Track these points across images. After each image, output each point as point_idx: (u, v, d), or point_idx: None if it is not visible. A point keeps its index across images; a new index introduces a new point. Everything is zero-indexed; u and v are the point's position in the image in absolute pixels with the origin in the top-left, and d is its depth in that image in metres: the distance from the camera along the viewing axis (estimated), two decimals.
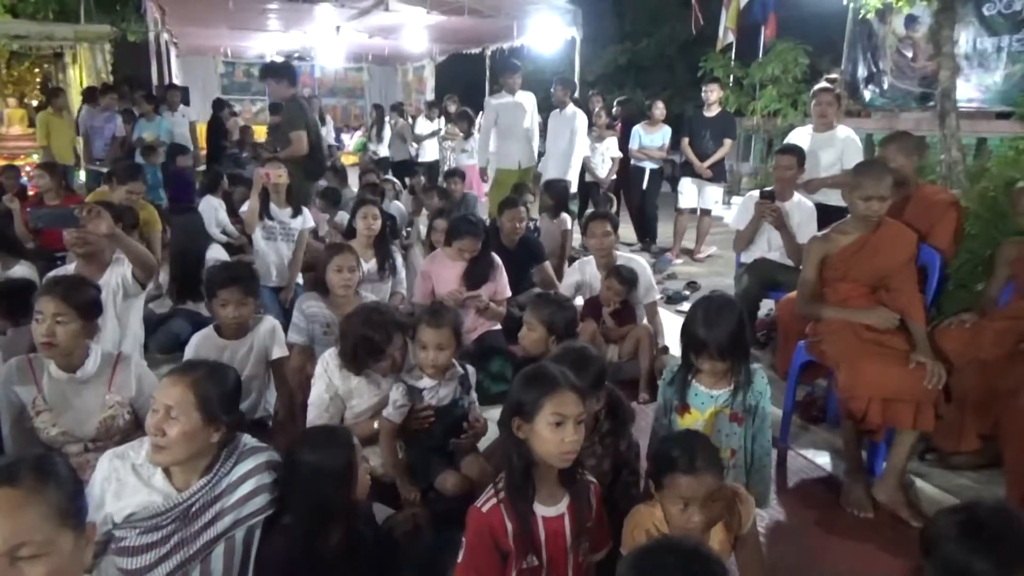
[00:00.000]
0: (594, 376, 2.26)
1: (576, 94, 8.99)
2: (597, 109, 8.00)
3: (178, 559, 1.82)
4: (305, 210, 4.78)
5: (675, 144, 7.27)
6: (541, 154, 7.11)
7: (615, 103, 8.81)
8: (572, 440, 1.75)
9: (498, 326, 4.19)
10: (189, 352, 2.98)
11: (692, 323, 2.31)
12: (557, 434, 1.75)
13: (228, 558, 1.88)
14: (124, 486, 1.87)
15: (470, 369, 2.85)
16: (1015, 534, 1.34)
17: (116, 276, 3.16)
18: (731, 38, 10.18)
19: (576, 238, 6.52)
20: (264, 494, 1.92)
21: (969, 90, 7.60)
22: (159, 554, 1.81)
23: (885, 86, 9.12)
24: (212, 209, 6.12)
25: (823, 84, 5.01)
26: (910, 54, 8.76)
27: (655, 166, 7.33)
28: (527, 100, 6.83)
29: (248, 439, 2.01)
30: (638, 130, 7.37)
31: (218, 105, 10.95)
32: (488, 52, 12.61)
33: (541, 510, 1.84)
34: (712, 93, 6.88)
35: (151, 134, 8.17)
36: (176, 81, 11.56)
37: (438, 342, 2.60)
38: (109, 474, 1.89)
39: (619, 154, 7.57)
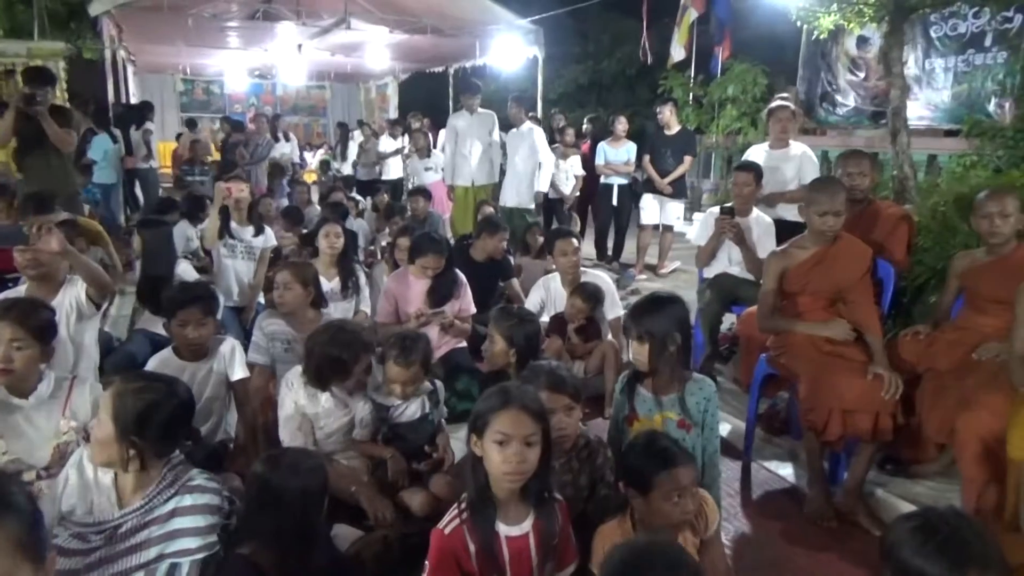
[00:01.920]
0: (571, 392, 2.26)
1: (539, 112, 9.09)
2: (562, 126, 8.06)
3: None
4: (267, 228, 4.72)
5: (637, 161, 7.34)
6: (503, 171, 7.14)
7: (585, 120, 8.88)
8: (514, 462, 1.71)
9: (464, 343, 4.18)
10: None
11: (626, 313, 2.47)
12: (499, 453, 1.72)
13: None
14: (81, 474, 1.94)
15: (438, 383, 2.85)
16: (966, 538, 1.38)
17: (70, 297, 3.07)
18: (683, 54, 10.36)
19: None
20: (195, 537, 1.85)
21: (919, 108, 7.87)
22: (82, 563, 1.81)
23: (839, 104, 9.39)
24: (184, 238, 5.78)
25: (780, 102, 5.11)
26: (862, 74, 9.03)
27: (623, 181, 7.36)
28: (485, 119, 6.90)
29: (196, 475, 1.95)
30: (603, 146, 7.40)
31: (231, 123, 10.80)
32: (451, 70, 12.65)
33: (504, 529, 1.80)
34: (665, 113, 6.98)
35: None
36: (133, 99, 11.37)
37: (407, 378, 2.63)
38: (76, 460, 1.97)
39: (583, 172, 7.63)
